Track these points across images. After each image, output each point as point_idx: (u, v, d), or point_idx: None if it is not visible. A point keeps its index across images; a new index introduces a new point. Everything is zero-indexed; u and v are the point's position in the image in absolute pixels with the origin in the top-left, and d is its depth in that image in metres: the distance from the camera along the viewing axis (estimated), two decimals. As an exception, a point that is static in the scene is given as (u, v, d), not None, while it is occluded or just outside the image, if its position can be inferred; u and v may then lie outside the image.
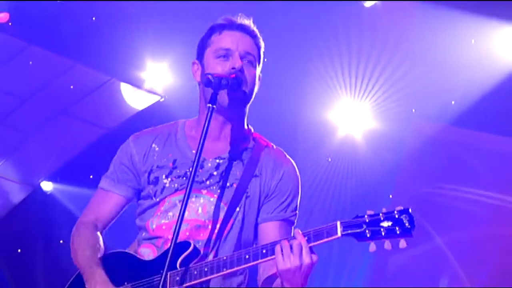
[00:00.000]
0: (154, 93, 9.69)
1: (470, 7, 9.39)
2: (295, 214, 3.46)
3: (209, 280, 3.22)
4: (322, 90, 10.06)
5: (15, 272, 10.18)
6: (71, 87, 9.73)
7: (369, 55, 10.01)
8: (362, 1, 9.62)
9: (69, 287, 3.48)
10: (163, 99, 9.74)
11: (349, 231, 2.95)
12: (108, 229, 3.61)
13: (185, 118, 3.71)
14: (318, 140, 10.42)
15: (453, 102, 10.17)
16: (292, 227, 3.44)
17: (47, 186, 10.55)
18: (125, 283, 3.31)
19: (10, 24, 9.14)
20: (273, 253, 3.02)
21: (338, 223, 2.96)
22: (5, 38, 9.10)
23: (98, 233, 3.46)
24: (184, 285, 3.08)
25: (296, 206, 3.43)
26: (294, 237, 3.01)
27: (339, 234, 2.95)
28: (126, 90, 9.87)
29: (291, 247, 2.95)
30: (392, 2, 9.78)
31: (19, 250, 10.44)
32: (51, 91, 9.73)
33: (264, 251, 3.05)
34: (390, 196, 10.55)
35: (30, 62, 9.35)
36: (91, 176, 10.15)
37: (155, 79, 9.80)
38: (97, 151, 10.01)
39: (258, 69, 3.45)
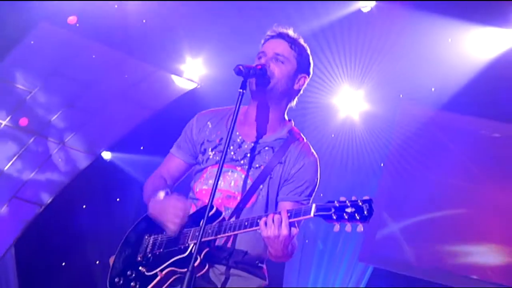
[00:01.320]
0: (192, 81, 9.76)
1: (448, 12, 9.43)
2: (308, 200, 3.42)
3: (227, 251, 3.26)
4: (327, 80, 10.09)
5: (82, 225, 10.21)
6: (126, 76, 9.78)
7: (365, 51, 10.04)
8: (360, 7, 9.73)
9: (127, 236, 3.50)
10: (199, 86, 9.79)
11: (320, 213, 2.96)
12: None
13: (215, 103, 3.81)
14: (323, 120, 10.44)
15: (433, 89, 10.17)
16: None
17: (106, 155, 10.60)
18: (164, 232, 3.32)
19: (77, 25, 9.29)
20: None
21: (314, 205, 2.99)
22: (73, 36, 9.18)
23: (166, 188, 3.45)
24: (199, 240, 2.99)
25: (310, 193, 3.40)
26: (279, 212, 3.03)
27: (312, 214, 2.97)
28: (169, 79, 9.88)
29: (273, 220, 2.98)
30: (384, 8, 9.83)
31: (84, 206, 10.56)
32: (110, 79, 9.77)
33: (258, 220, 3.07)
34: (382, 164, 10.62)
35: (93, 56, 9.41)
36: (141, 147, 10.29)
37: (192, 70, 9.78)
38: (145, 127, 10.10)
39: (291, 67, 3.41)
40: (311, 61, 3.57)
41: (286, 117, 3.46)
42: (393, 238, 10.53)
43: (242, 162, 3.33)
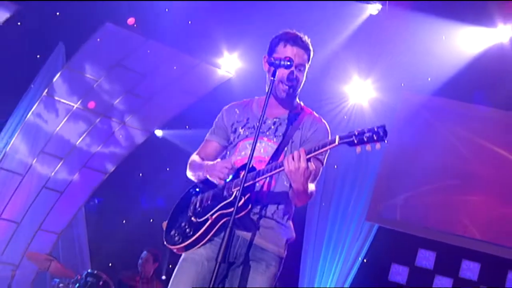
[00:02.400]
0: (228, 72, 9.81)
1: (442, 14, 9.46)
2: (323, 156, 3.37)
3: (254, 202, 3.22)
4: (340, 71, 10.15)
5: (138, 190, 10.43)
6: (174, 67, 9.81)
7: (372, 47, 10.12)
8: (370, 12, 9.76)
9: (177, 204, 3.48)
10: (233, 77, 9.83)
11: (343, 140, 2.96)
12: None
13: (247, 91, 3.91)
14: (337, 105, 10.51)
15: (429, 79, 10.20)
16: (320, 164, 3.42)
17: (159, 132, 10.73)
18: (211, 190, 3.31)
19: (135, 25, 9.45)
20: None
21: (337, 136, 3.01)
22: (132, 35, 9.34)
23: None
24: (237, 188, 3.04)
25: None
26: (298, 150, 3.04)
27: (337, 142, 2.98)
28: (210, 70, 9.90)
29: (293, 157, 2.98)
30: (389, 10, 9.89)
31: (140, 174, 10.74)
32: (162, 70, 9.82)
33: (281, 163, 3.06)
34: (386, 141, 10.63)
35: (148, 51, 9.48)
36: (187, 127, 10.42)
37: (229, 63, 9.83)
38: (190, 110, 10.14)
39: (305, 72, 3.40)
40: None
41: (297, 99, 3.48)
42: (395, 203, 10.58)
43: (267, 133, 3.33)
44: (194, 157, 3.52)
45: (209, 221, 3.14)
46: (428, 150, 10.42)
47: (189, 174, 3.48)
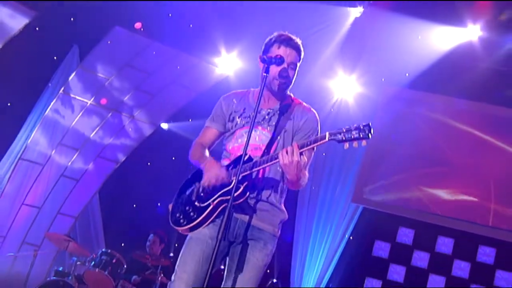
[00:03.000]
0: (226, 71, 9.86)
1: (417, 15, 9.48)
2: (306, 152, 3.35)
3: (253, 186, 3.22)
4: (327, 68, 10.26)
5: (147, 177, 10.34)
6: (178, 67, 9.82)
7: (355, 46, 10.17)
8: (355, 16, 9.74)
9: (181, 187, 3.45)
10: (231, 73, 9.88)
11: (333, 137, 2.98)
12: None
13: (243, 86, 3.86)
14: (323, 100, 10.46)
15: (407, 74, 10.31)
16: (312, 152, 3.38)
17: (164, 125, 10.72)
18: None
19: (142, 29, 9.46)
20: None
21: (327, 132, 3.01)
22: (139, 37, 9.35)
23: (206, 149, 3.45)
24: (237, 175, 3.01)
25: (313, 136, 3.29)
26: (291, 145, 3.04)
27: (327, 139, 3.00)
28: (209, 69, 9.92)
29: (287, 151, 2.99)
30: (370, 12, 9.87)
31: (148, 163, 10.75)
32: (166, 69, 9.81)
33: (276, 155, 3.07)
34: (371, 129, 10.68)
35: (154, 52, 9.51)
36: (190, 120, 10.44)
37: (226, 63, 9.85)
38: (192, 105, 10.11)
39: (296, 70, 3.38)
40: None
41: (288, 92, 3.45)
42: (377, 186, 10.59)
43: (262, 123, 3.31)
44: (196, 143, 3.50)
45: (211, 206, 3.16)
46: (406, 139, 10.51)
47: (191, 158, 3.47)
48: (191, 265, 3.14)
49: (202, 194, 3.24)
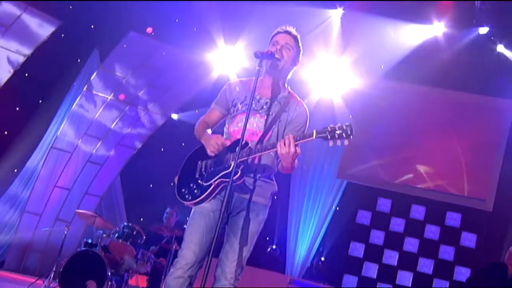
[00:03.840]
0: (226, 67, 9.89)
1: (391, 15, 9.50)
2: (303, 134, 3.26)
3: (252, 165, 3.19)
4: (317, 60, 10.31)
5: (160, 161, 10.18)
6: (184, 65, 9.82)
7: (338, 45, 10.18)
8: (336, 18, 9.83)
9: (186, 162, 3.39)
10: (230, 69, 9.80)
11: (319, 135, 2.92)
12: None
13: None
14: (313, 87, 10.34)
15: (382, 67, 10.36)
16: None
17: (175, 116, 10.70)
18: (211, 158, 3.24)
19: (152, 33, 9.47)
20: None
21: (314, 131, 2.96)
22: (150, 40, 9.42)
23: (208, 128, 3.38)
24: (235, 161, 2.96)
25: (304, 130, 3.31)
26: (288, 137, 2.98)
27: (314, 137, 2.94)
28: (211, 66, 9.90)
29: (284, 142, 2.95)
30: (349, 15, 9.87)
31: (162, 149, 10.74)
32: (175, 67, 9.81)
33: (276, 143, 3.02)
34: (350, 116, 10.56)
35: (164, 53, 9.56)
36: (196, 111, 10.35)
37: (226, 60, 9.82)
38: (197, 97, 10.06)
39: (294, 53, 3.31)
40: (302, 50, 3.50)
41: (286, 85, 3.39)
42: (359, 163, 10.67)
43: (260, 111, 3.26)
44: (201, 121, 3.45)
45: (212, 186, 3.13)
46: (384, 123, 10.54)
47: (195, 133, 3.44)
48: (196, 236, 3.12)
49: (204, 173, 3.21)
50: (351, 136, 2.89)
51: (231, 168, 3.03)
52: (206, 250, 3.10)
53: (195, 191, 3.18)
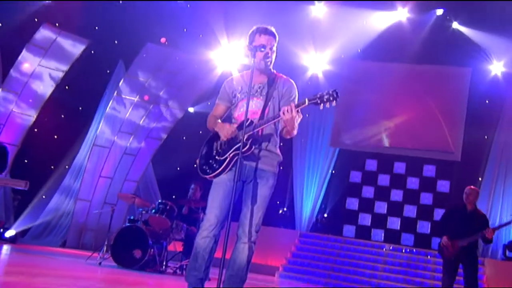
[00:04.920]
0: (229, 66, 9.92)
1: (363, 6, 9.53)
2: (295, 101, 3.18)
3: (257, 139, 3.12)
4: (303, 49, 10.39)
5: (182, 149, 10.18)
6: (195, 66, 9.82)
7: (320, 33, 10.21)
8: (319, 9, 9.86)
9: (204, 147, 3.29)
10: (235, 68, 9.81)
11: (310, 102, 2.91)
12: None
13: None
14: (301, 73, 10.46)
15: (359, 50, 10.37)
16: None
17: (191, 109, 10.71)
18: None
19: (166, 43, 9.51)
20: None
21: (306, 99, 2.93)
22: (165, 49, 9.47)
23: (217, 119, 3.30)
24: (243, 135, 2.94)
25: (295, 99, 3.18)
26: (289, 105, 2.94)
27: (307, 103, 2.92)
28: (215, 65, 9.88)
29: (287, 110, 2.91)
30: (330, 7, 9.91)
31: (184, 137, 10.73)
32: (187, 69, 9.76)
33: (276, 115, 3.02)
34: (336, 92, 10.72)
35: (177, 58, 9.59)
36: (209, 103, 10.33)
37: (227, 60, 9.84)
38: (208, 92, 10.07)
39: (275, 51, 3.21)
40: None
41: (271, 69, 3.26)
42: (347, 133, 10.71)
43: (256, 94, 3.19)
44: (210, 116, 3.37)
45: (228, 159, 3.10)
46: (365, 97, 10.55)
47: (208, 126, 3.37)
48: (216, 202, 3.08)
49: (220, 150, 3.17)
50: (337, 98, 2.86)
51: (240, 142, 2.99)
52: (226, 213, 3.06)
53: (214, 165, 3.15)
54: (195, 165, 3.31)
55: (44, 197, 9.61)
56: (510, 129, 9.59)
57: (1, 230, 8.45)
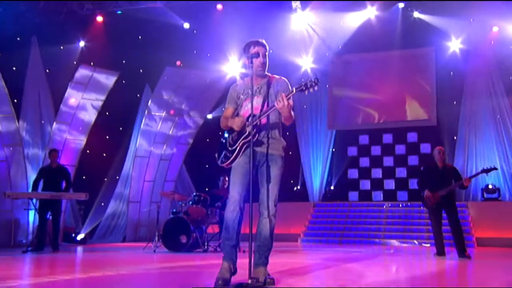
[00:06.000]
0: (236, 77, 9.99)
1: (339, 9, 9.52)
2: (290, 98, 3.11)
3: (261, 128, 3.09)
4: (295, 50, 10.41)
5: (205, 150, 9.90)
6: (207, 80, 9.90)
7: (304, 31, 10.23)
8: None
9: (220, 143, 3.26)
10: (236, 77, 9.89)
11: (296, 89, 2.91)
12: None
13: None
14: (293, 71, 10.44)
15: (340, 47, 10.32)
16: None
17: (209, 116, 10.67)
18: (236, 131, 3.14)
19: (181, 65, 9.58)
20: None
21: (294, 88, 2.92)
22: (181, 70, 9.55)
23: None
24: (251, 125, 2.95)
25: (288, 94, 3.04)
26: (280, 96, 2.93)
27: (294, 91, 2.90)
28: (222, 76, 9.93)
29: (280, 99, 2.90)
30: (313, 11, 9.87)
31: (207, 140, 10.59)
32: (201, 83, 9.86)
33: (272, 105, 3.01)
34: (327, 86, 10.61)
35: (192, 76, 9.65)
36: (223, 109, 10.33)
37: (232, 71, 9.92)
38: (220, 100, 9.92)
39: (266, 57, 3.16)
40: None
41: (266, 72, 3.23)
42: (341, 116, 10.75)
43: (257, 94, 3.15)
44: (223, 117, 3.30)
45: (238, 147, 3.10)
46: (352, 84, 10.56)
47: (221, 126, 3.32)
48: (237, 180, 3.08)
49: (231, 142, 3.16)
50: (318, 83, 2.89)
51: (248, 132, 3.04)
52: (246, 189, 3.06)
53: (228, 154, 3.15)
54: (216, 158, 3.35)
55: (102, 204, 9.79)
56: (473, 93, 9.63)
57: (73, 234, 8.69)
